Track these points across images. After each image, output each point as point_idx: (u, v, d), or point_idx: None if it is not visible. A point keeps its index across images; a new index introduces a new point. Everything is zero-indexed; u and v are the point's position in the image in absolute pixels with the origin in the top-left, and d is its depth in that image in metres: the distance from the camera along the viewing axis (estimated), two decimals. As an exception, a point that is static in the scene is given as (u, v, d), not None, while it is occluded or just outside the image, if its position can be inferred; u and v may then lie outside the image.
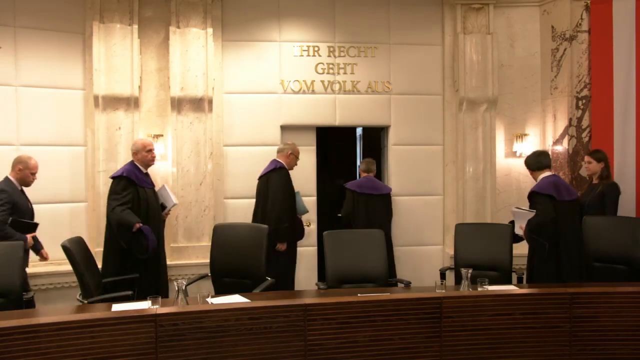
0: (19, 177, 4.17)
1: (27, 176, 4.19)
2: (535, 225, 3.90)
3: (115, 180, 4.25)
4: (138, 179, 4.29)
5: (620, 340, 3.10)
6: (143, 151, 4.36)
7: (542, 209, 3.92)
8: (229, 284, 4.10)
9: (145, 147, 4.38)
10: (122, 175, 4.23)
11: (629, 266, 4.12)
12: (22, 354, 2.50)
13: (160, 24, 5.12)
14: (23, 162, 4.18)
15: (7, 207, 3.98)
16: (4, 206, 3.97)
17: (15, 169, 4.17)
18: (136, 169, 4.33)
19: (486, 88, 5.41)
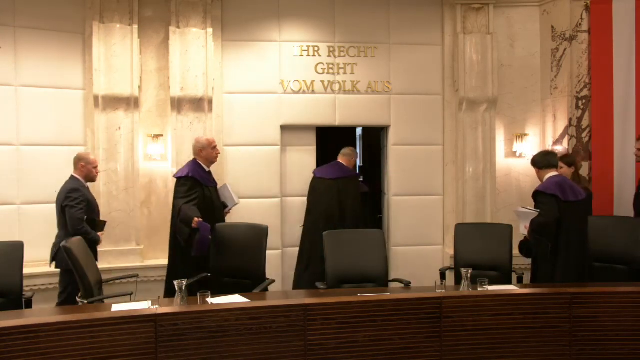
0: (83, 174, 4.26)
1: (91, 171, 4.29)
2: (538, 225, 3.86)
3: (181, 180, 4.24)
4: (202, 178, 4.31)
5: (620, 340, 3.10)
6: (209, 148, 4.40)
7: (545, 209, 3.87)
8: (229, 284, 4.10)
9: (211, 144, 4.42)
10: (188, 175, 4.22)
11: (629, 266, 4.12)
12: (22, 354, 2.50)
13: (160, 24, 5.12)
14: (84, 158, 4.27)
15: (83, 205, 4.11)
16: (81, 204, 4.09)
17: (78, 166, 4.26)
18: (199, 167, 4.34)
19: (486, 88, 5.41)
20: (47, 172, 4.85)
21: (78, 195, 4.09)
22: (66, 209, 4.06)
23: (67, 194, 4.09)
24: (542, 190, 3.94)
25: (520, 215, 4.06)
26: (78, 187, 4.15)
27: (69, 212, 4.05)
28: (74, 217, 4.04)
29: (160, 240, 5.11)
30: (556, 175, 4.08)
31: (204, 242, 4.05)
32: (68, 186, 4.16)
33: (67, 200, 4.07)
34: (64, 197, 4.10)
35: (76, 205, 4.06)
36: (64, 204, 4.09)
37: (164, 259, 5.03)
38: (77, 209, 4.06)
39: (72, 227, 4.04)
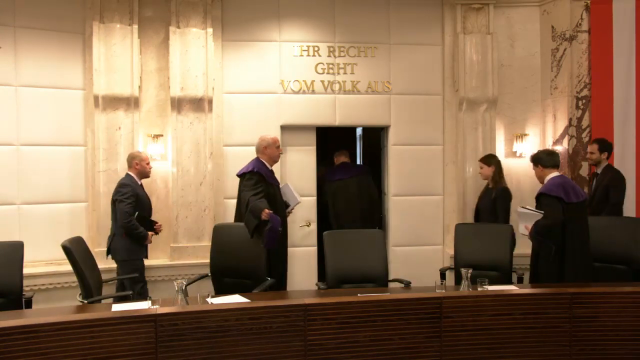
0: (137, 171, 4.51)
1: (144, 168, 4.54)
2: (543, 227, 3.84)
3: (247, 175, 4.28)
4: (267, 175, 4.35)
5: (621, 340, 3.10)
6: (273, 147, 4.45)
7: (551, 212, 3.84)
8: (229, 284, 4.10)
9: (276, 142, 4.48)
10: (253, 170, 4.27)
11: (629, 266, 4.12)
12: (22, 354, 2.50)
13: (160, 24, 5.12)
14: (137, 156, 4.53)
15: (132, 199, 4.33)
16: (129, 199, 4.31)
17: (132, 164, 4.50)
18: (263, 165, 4.38)
19: (486, 88, 5.41)
20: (47, 172, 4.85)
21: (127, 190, 4.32)
22: (116, 202, 4.33)
23: (117, 189, 4.37)
24: (546, 192, 3.92)
25: (521, 215, 4.05)
26: (129, 183, 4.39)
27: (118, 206, 4.31)
28: (122, 211, 4.28)
29: (161, 240, 5.10)
30: (558, 175, 4.08)
31: (274, 234, 4.01)
32: (120, 181, 4.44)
33: (117, 195, 4.34)
34: (116, 191, 4.38)
35: (125, 200, 4.29)
36: (114, 198, 4.37)
37: (165, 259, 5.06)
38: (126, 203, 4.28)
39: (120, 219, 4.29)
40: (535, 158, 4.16)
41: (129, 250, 4.37)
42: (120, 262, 4.40)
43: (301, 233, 5.46)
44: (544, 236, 3.85)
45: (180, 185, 5.03)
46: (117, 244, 4.38)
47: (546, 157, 4.10)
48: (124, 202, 4.29)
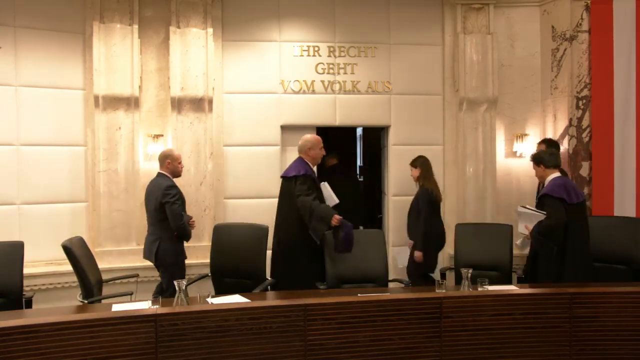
0: (170, 170, 4.36)
1: (176, 167, 4.39)
2: (546, 228, 3.83)
3: (300, 179, 4.22)
4: (314, 177, 4.33)
5: (620, 340, 3.10)
6: (317, 148, 4.39)
7: (554, 213, 3.84)
8: (229, 284, 4.10)
9: (320, 143, 4.41)
10: (306, 173, 4.23)
11: (629, 266, 4.12)
12: (22, 354, 2.50)
13: (160, 24, 5.12)
14: (169, 155, 4.38)
15: (181, 200, 4.25)
16: (179, 200, 4.22)
17: (165, 163, 4.35)
18: (309, 167, 4.34)
19: (486, 88, 5.41)
20: (47, 172, 4.85)
21: (175, 192, 4.21)
22: (166, 205, 4.15)
23: (165, 191, 4.17)
24: (549, 194, 3.91)
25: (521, 215, 4.04)
26: (173, 184, 4.27)
27: (170, 209, 4.14)
28: (175, 213, 4.15)
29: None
30: (559, 176, 4.07)
31: (350, 239, 4.03)
32: (163, 183, 4.23)
33: (166, 197, 4.16)
34: (162, 194, 4.17)
35: (176, 202, 4.17)
36: (163, 201, 4.16)
37: (164, 259, 5.05)
38: (177, 205, 4.17)
39: (173, 222, 4.15)
40: (537, 158, 4.14)
41: (177, 253, 4.27)
42: (168, 265, 4.22)
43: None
44: (546, 236, 3.85)
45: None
46: (166, 248, 4.20)
47: (548, 158, 4.10)
48: (175, 204, 4.16)
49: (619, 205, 5.12)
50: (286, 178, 4.36)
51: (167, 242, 4.20)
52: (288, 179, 4.32)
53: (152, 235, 4.28)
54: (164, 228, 4.20)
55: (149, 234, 4.34)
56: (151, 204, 4.28)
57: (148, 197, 4.35)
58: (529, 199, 5.56)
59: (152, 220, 4.31)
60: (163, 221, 4.19)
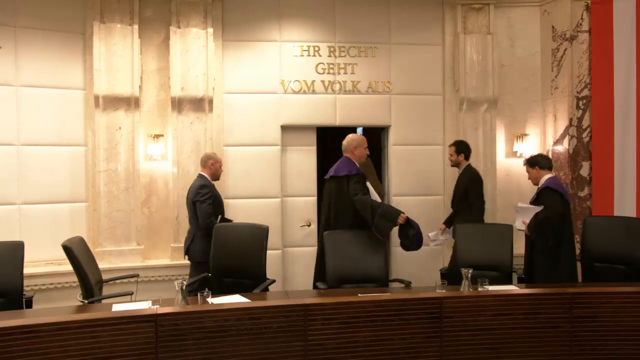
0: (211, 172, 4.55)
1: (218, 169, 4.60)
2: (544, 219, 3.99)
3: (354, 178, 4.24)
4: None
5: (621, 340, 3.10)
6: (362, 147, 4.42)
7: (552, 203, 4.04)
8: (230, 284, 4.10)
9: (365, 142, 4.44)
10: (358, 172, 4.28)
11: (629, 266, 4.12)
12: (22, 354, 2.50)
13: (160, 24, 5.12)
14: (212, 157, 4.58)
15: (212, 200, 4.41)
16: (210, 199, 4.38)
17: (208, 164, 4.54)
18: (356, 165, 4.36)
19: (486, 88, 5.41)
20: (47, 172, 4.85)
21: (207, 191, 4.38)
22: (197, 203, 4.35)
23: (197, 190, 4.38)
24: (550, 186, 4.13)
25: (519, 210, 4.18)
26: (207, 184, 4.45)
27: (199, 207, 4.33)
28: (204, 212, 4.33)
29: (161, 240, 5.12)
30: (554, 176, 4.31)
31: (421, 236, 4.16)
32: (198, 183, 4.45)
33: (197, 196, 4.36)
34: (195, 192, 4.38)
35: (205, 200, 4.34)
36: (194, 199, 4.37)
37: (165, 259, 5.06)
38: (207, 204, 4.34)
39: (202, 220, 4.33)
40: (533, 161, 4.35)
41: (206, 252, 4.29)
42: (197, 263, 4.42)
43: (301, 233, 5.46)
44: (543, 227, 4.00)
45: (180, 185, 5.02)
46: (196, 246, 4.41)
47: (543, 160, 4.33)
48: (204, 202, 4.34)
49: (619, 205, 5.12)
50: (336, 177, 4.32)
51: (199, 240, 4.39)
52: (338, 179, 4.30)
53: (188, 233, 4.54)
54: (197, 226, 4.41)
55: (188, 231, 4.58)
56: (189, 203, 4.50)
57: (187, 197, 4.57)
58: (529, 198, 5.56)
59: (189, 219, 4.55)
60: (197, 219, 4.40)
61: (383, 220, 4.10)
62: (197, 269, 4.41)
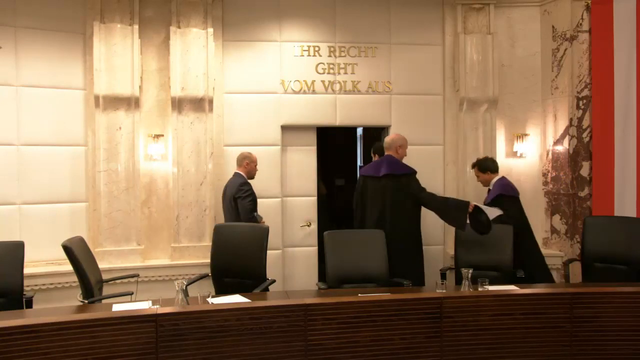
0: (247, 170, 4.73)
1: (253, 169, 4.77)
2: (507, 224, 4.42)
3: (413, 175, 4.56)
4: None
5: (621, 341, 3.10)
6: (405, 147, 4.69)
7: (512, 213, 4.48)
8: (230, 284, 4.10)
9: (407, 143, 4.72)
10: (415, 171, 4.57)
11: (629, 266, 4.12)
12: (22, 354, 2.50)
13: (160, 24, 5.12)
14: (248, 157, 4.75)
15: (252, 197, 4.57)
16: (250, 196, 4.55)
17: (243, 164, 4.73)
18: (403, 163, 4.61)
19: (487, 88, 5.41)
20: (47, 172, 4.85)
21: (248, 188, 4.55)
22: (238, 200, 4.50)
23: (239, 187, 4.53)
24: (505, 194, 4.54)
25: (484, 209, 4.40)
26: (248, 182, 4.61)
27: (241, 203, 4.49)
28: (245, 208, 4.48)
29: (161, 240, 5.12)
30: (503, 177, 4.78)
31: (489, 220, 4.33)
32: (238, 181, 4.60)
33: (239, 192, 4.52)
34: (236, 189, 4.53)
35: (246, 197, 4.50)
36: (236, 196, 4.52)
37: (165, 259, 5.06)
38: (248, 200, 4.50)
39: (243, 216, 4.47)
40: (484, 166, 4.76)
41: None
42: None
43: (301, 233, 5.46)
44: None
45: (180, 185, 5.03)
46: None
47: (492, 165, 4.77)
48: (246, 199, 4.49)
49: (619, 205, 5.12)
50: (393, 176, 4.48)
51: None
52: (396, 177, 4.48)
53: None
54: (236, 221, 4.53)
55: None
56: (227, 201, 4.64)
57: (225, 195, 4.70)
58: (529, 198, 5.57)
59: (227, 216, 4.67)
60: (236, 216, 4.53)
61: (457, 211, 4.31)
62: None
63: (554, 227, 5.46)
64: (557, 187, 5.43)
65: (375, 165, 4.70)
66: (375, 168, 4.64)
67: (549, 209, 5.51)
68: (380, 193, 4.49)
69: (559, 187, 5.42)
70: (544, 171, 5.56)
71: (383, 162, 4.62)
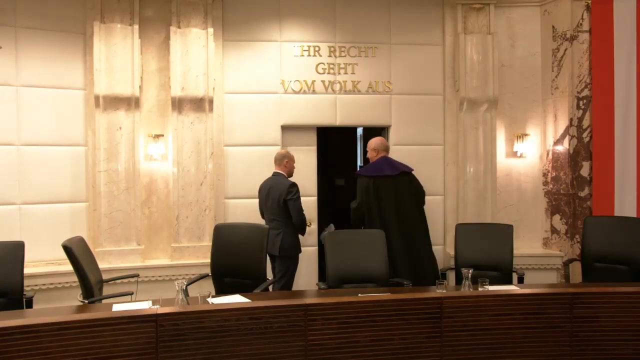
0: (287, 169, 4.76)
1: (292, 167, 4.81)
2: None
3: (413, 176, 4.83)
4: None
5: (621, 341, 3.10)
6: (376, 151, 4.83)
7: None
8: (230, 284, 4.10)
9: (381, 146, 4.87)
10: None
11: (629, 266, 4.12)
12: (22, 354, 2.50)
13: (160, 24, 5.12)
14: (287, 156, 4.78)
15: (299, 197, 4.63)
16: (299, 197, 4.61)
17: (283, 162, 4.75)
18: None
19: (487, 88, 5.40)
20: (47, 172, 4.85)
21: (297, 189, 4.61)
22: (290, 202, 4.55)
23: (289, 189, 4.57)
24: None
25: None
26: (295, 183, 4.65)
27: (294, 204, 4.55)
28: (298, 209, 4.57)
29: (161, 240, 5.12)
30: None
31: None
32: (284, 181, 4.63)
33: (289, 195, 4.56)
34: (286, 192, 4.56)
35: (298, 199, 4.58)
36: (287, 198, 4.55)
37: (165, 259, 5.06)
38: (299, 201, 4.59)
39: (297, 217, 4.56)
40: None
41: (296, 246, 4.67)
42: (287, 257, 4.60)
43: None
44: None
45: (180, 185, 5.03)
46: (288, 241, 4.59)
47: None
48: (297, 200, 4.57)
49: (619, 205, 5.12)
50: (405, 173, 4.72)
51: (289, 236, 4.58)
52: (408, 174, 4.72)
53: (275, 230, 4.57)
54: (286, 223, 4.58)
55: (270, 228, 4.53)
56: (274, 201, 4.61)
57: (268, 194, 4.67)
58: (529, 198, 5.58)
59: (274, 216, 4.63)
60: (285, 216, 4.57)
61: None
62: (285, 262, 4.58)
63: (554, 227, 5.46)
64: (557, 187, 5.43)
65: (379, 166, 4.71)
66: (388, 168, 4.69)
67: (549, 209, 5.51)
68: (392, 190, 4.61)
69: (559, 187, 5.42)
70: (544, 171, 5.56)
71: (385, 161, 4.71)
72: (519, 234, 5.41)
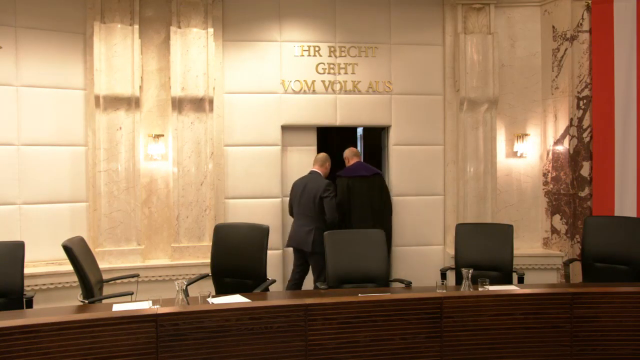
0: (326, 171, 5.02)
1: (328, 170, 5.06)
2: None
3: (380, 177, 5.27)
4: None
5: (621, 341, 3.10)
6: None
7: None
8: (230, 284, 4.10)
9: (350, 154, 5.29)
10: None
11: (630, 266, 4.12)
12: (22, 354, 2.50)
13: (161, 24, 5.12)
14: (329, 159, 5.05)
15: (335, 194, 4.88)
16: (335, 196, 4.83)
17: (325, 165, 5.02)
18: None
19: (487, 88, 5.40)
20: (48, 172, 4.85)
21: (332, 188, 4.84)
22: (325, 199, 4.75)
23: (325, 187, 4.79)
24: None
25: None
26: (331, 182, 4.88)
27: (329, 202, 4.75)
28: (332, 207, 4.76)
29: (161, 240, 5.12)
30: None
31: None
32: (321, 180, 4.86)
33: (326, 192, 4.77)
34: (323, 189, 4.77)
35: (333, 197, 4.79)
36: (323, 195, 4.76)
37: (165, 259, 5.06)
38: (335, 200, 4.80)
39: (331, 215, 4.75)
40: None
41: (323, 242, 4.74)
42: (319, 253, 4.61)
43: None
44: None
45: (181, 185, 5.03)
46: (320, 237, 4.55)
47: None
48: (333, 199, 4.77)
49: (619, 205, 5.12)
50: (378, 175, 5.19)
51: (320, 232, 4.58)
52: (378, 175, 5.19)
53: (306, 226, 4.81)
54: (319, 220, 4.77)
55: (301, 225, 4.88)
56: (309, 197, 4.82)
57: (304, 191, 4.86)
58: (529, 198, 5.58)
59: (308, 212, 4.83)
60: (319, 213, 4.77)
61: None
62: (319, 258, 4.63)
63: (554, 227, 5.46)
64: (558, 187, 5.43)
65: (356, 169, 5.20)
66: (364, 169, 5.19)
67: (549, 209, 5.51)
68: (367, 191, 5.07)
69: (559, 187, 5.42)
70: (544, 171, 5.56)
71: (361, 165, 5.23)
72: (519, 234, 5.41)
